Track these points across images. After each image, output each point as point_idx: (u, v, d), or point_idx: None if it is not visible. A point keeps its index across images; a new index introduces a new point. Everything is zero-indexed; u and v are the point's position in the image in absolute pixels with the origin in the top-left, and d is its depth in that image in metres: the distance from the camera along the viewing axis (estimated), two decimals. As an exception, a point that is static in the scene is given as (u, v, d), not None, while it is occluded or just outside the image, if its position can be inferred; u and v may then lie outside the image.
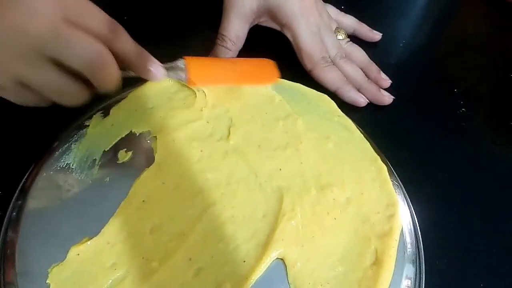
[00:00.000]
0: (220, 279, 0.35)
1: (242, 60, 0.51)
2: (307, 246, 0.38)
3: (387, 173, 0.43)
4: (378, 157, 0.44)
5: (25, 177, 0.41)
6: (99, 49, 0.33)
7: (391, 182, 0.42)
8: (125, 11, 0.57)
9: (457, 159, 0.50)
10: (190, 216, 0.38)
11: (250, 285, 0.35)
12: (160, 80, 0.41)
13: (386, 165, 0.44)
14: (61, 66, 0.33)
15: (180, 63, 0.44)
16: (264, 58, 0.50)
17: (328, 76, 0.52)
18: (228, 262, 0.36)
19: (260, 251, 0.37)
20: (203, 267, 0.36)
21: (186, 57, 0.45)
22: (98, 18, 0.34)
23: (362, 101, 0.52)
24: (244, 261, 0.36)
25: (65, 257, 0.35)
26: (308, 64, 0.53)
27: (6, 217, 0.38)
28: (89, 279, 0.34)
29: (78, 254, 0.35)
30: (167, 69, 0.42)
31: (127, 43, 0.37)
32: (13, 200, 0.39)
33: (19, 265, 0.35)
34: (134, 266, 0.35)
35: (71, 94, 0.35)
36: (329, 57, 0.54)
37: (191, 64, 0.44)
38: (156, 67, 0.39)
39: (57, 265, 0.35)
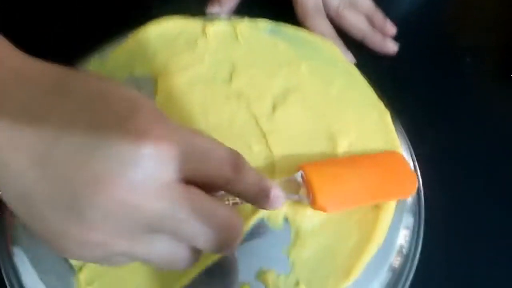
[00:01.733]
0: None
1: (370, 162, 0.39)
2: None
3: (390, 118, 0.42)
4: (381, 103, 0.43)
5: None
6: (226, 221, 0.26)
7: (394, 127, 0.42)
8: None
9: (460, 109, 0.50)
10: (191, 158, 0.38)
11: (252, 224, 0.36)
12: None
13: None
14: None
15: (298, 176, 0.36)
16: (395, 154, 0.40)
17: (318, 27, 0.51)
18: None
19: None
20: None
21: (305, 166, 0.36)
22: (219, 159, 0.27)
23: (349, 59, 0.50)
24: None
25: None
26: (300, 14, 0.51)
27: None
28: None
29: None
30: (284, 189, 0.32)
31: (249, 181, 0.29)
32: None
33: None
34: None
35: (182, 262, 0.28)
36: (331, 7, 0.52)
37: (314, 181, 0.35)
38: (276, 198, 0.30)
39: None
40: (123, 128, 0.23)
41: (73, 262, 0.33)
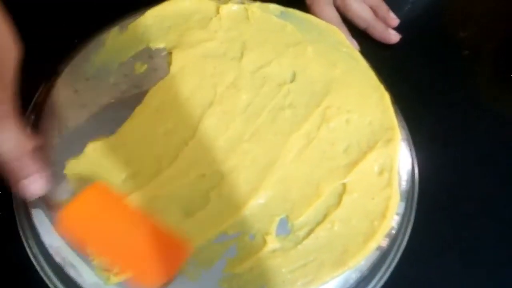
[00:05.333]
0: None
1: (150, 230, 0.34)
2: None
3: (390, 100, 0.44)
4: (382, 85, 0.45)
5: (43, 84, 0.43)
6: None
7: (392, 109, 0.44)
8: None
9: (457, 99, 0.52)
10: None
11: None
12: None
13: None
14: None
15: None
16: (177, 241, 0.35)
17: (324, 13, 0.53)
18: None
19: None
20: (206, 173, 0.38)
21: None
22: None
23: (354, 46, 0.51)
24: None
25: (82, 151, 0.38)
26: (308, 0, 0.54)
27: (28, 112, 0.41)
28: (104, 171, 0.37)
29: (95, 150, 0.38)
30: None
31: (7, 138, 0.25)
32: (34, 99, 0.42)
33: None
34: (146, 164, 0.38)
35: None
36: None
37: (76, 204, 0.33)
38: (34, 183, 0.28)
39: (74, 158, 0.37)
40: None
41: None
